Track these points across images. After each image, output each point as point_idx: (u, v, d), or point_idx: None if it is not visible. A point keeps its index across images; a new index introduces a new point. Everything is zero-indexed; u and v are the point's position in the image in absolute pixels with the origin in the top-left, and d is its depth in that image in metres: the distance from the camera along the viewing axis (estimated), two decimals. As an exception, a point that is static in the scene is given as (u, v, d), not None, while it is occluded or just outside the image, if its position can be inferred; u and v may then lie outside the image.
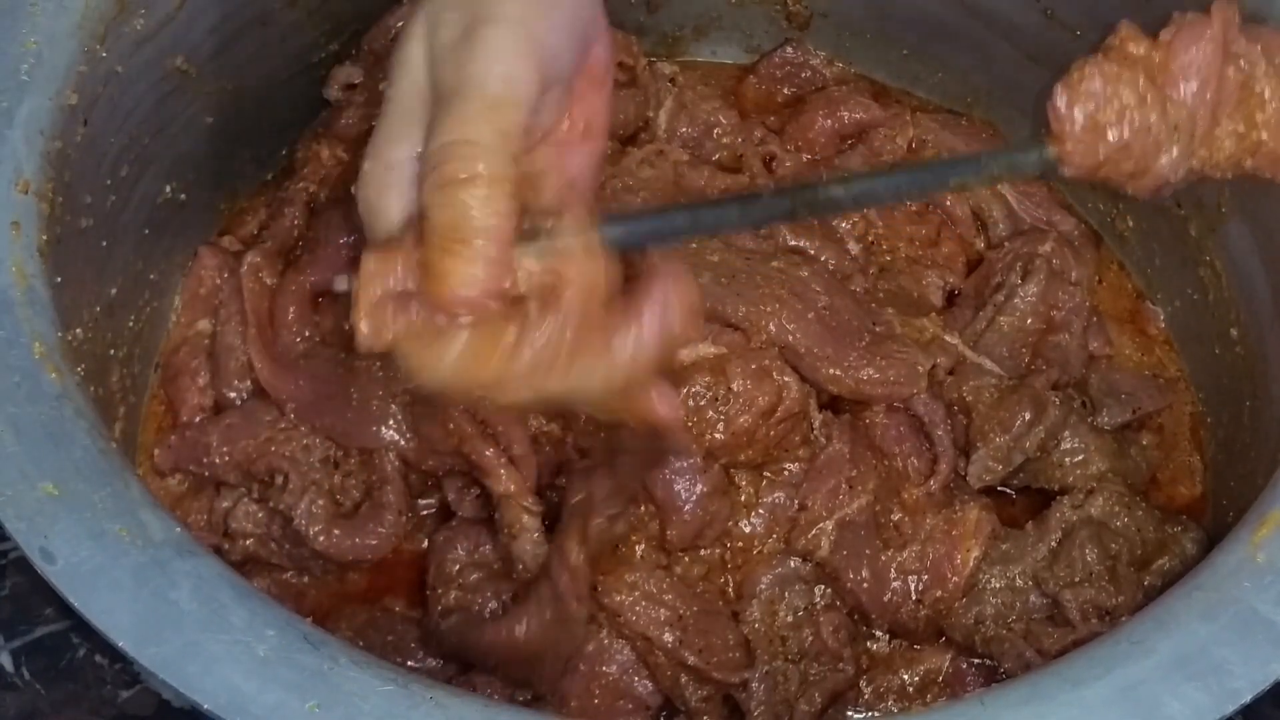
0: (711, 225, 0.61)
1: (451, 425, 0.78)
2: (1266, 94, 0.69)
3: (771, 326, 0.79)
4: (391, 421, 0.80)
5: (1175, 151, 0.68)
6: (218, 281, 0.88)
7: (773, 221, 0.64)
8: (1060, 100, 0.67)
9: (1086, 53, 0.69)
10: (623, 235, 0.60)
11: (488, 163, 0.54)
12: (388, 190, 0.58)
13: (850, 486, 0.79)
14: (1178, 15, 0.70)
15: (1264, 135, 0.70)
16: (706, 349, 0.78)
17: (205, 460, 0.82)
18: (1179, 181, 0.70)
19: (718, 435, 0.77)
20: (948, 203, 0.93)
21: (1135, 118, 0.67)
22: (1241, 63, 0.69)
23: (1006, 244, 0.92)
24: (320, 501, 0.80)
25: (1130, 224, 0.97)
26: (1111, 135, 0.67)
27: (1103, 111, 0.67)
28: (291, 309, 0.85)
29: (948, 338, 0.86)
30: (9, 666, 0.80)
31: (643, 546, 0.78)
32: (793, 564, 0.79)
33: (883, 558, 0.80)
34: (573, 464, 0.76)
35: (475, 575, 0.80)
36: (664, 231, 0.62)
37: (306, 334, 0.84)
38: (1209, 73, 0.67)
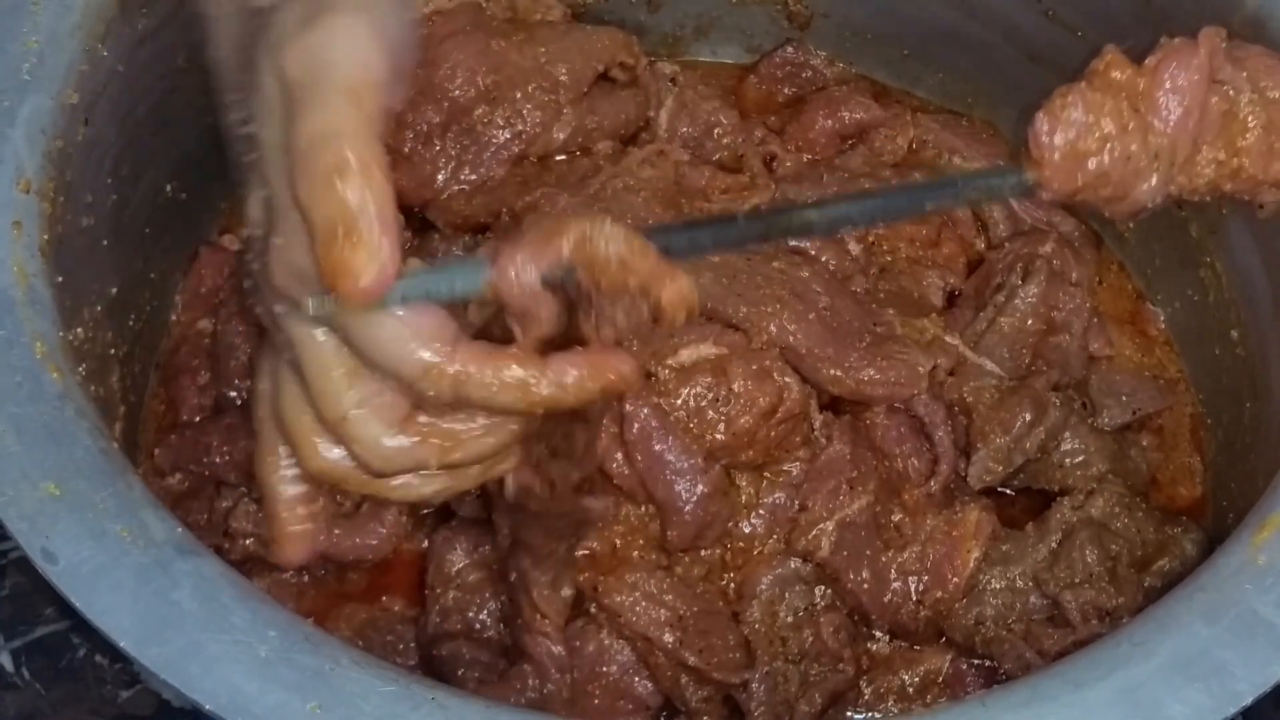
0: (686, 249, 0.61)
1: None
2: (1250, 121, 0.69)
3: (772, 327, 0.79)
4: (392, 421, 0.80)
5: (1155, 180, 0.68)
6: (218, 281, 0.88)
7: (748, 245, 0.64)
8: (1042, 126, 0.67)
9: (1083, 60, 0.69)
10: None
11: (355, 149, 0.54)
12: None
13: (851, 487, 0.79)
14: (1164, 40, 0.69)
15: (1245, 161, 0.69)
16: (707, 349, 0.78)
17: (205, 460, 0.82)
18: (1156, 207, 0.70)
19: (718, 436, 0.77)
20: (948, 203, 0.93)
21: (1117, 147, 0.67)
22: (1227, 90, 0.69)
23: (1007, 244, 0.92)
24: (320, 501, 0.80)
25: (1130, 225, 0.97)
26: (1092, 164, 0.67)
27: (1084, 140, 0.66)
28: (292, 308, 0.85)
29: (948, 338, 0.86)
30: (9, 666, 0.80)
31: (643, 547, 0.78)
32: (793, 564, 0.79)
33: (883, 558, 0.80)
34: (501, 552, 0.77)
35: (475, 575, 0.80)
36: None
37: (307, 333, 0.84)
38: (1193, 102, 0.67)
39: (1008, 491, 0.86)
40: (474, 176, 0.88)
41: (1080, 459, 0.84)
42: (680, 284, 0.57)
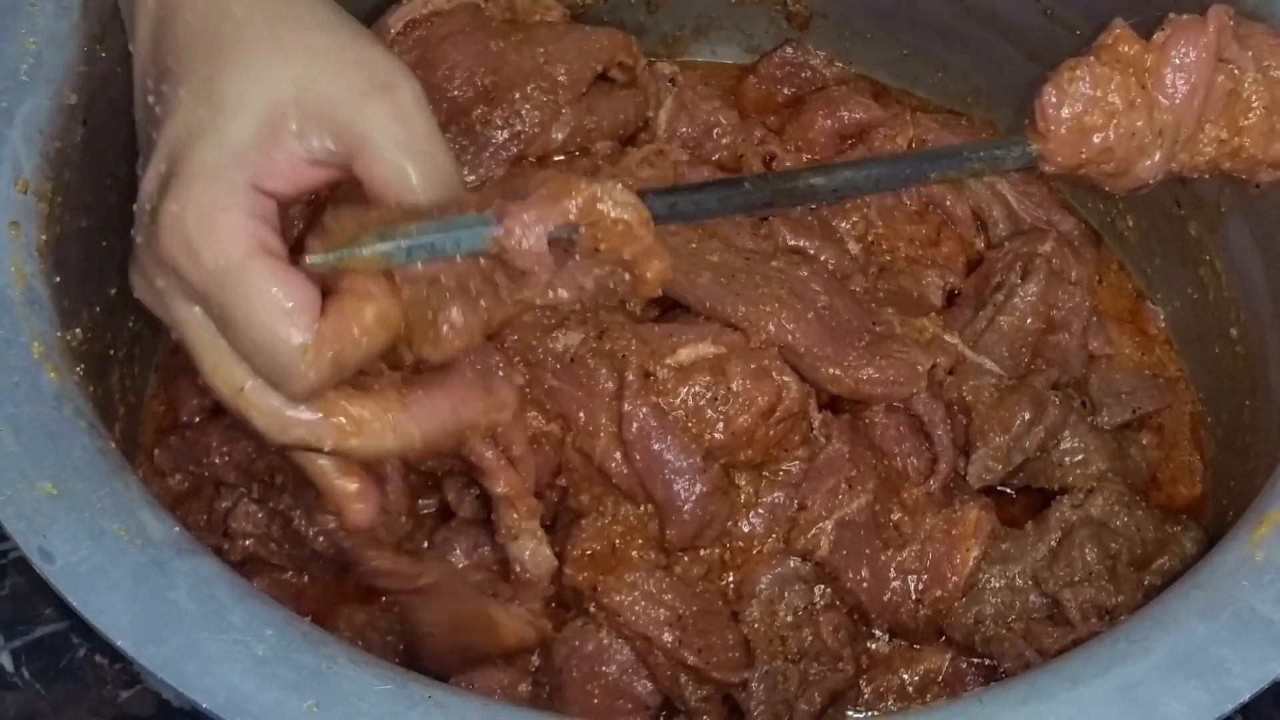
0: (690, 213, 0.60)
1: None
2: (1253, 100, 0.69)
3: (771, 326, 0.79)
4: (391, 421, 0.80)
5: (1157, 156, 0.68)
6: (218, 282, 0.88)
7: (751, 210, 0.64)
8: (1049, 99, 0.67)
9: (1080, 50, 0.69)
10: None
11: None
12: None
13: (850, 486, 0.79)
14: (1173, 16, 0.69)
15: (1246, 141, 0.69)
16: (706, 349, 0.78)
17: (205, 460, 0.82)
18: (1156, 183, 0.70)
19: (717, 435, 0.77)
20: (948, 202, 0.93)
21: (1122, 123, 0.67)
22: (1233, 69, 0.69)
23: (1006, 244, 0.92)
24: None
25: (1130, 224, 0.97)
26: (1097, 139, 0.67)
27: (1090, 115, 0.66)
28: (291, 309, 0.84)
29: (948, 337, 0.85)
30: (9, 666, 0.80)
31: (641, 546, 0.78)
32: (792, 564, 0.79)
33: (882, 557, 0.80)
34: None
35: (475, 576, 0.80)
36: None
37: (306, 334, 0.84)
38: (1199, 80, 0.67)
39: (1007, 490, 0.86)
40: (472, 177, 0.88)
41: (1080, 457, 0.84)
42: (665, 264, 0.58)
